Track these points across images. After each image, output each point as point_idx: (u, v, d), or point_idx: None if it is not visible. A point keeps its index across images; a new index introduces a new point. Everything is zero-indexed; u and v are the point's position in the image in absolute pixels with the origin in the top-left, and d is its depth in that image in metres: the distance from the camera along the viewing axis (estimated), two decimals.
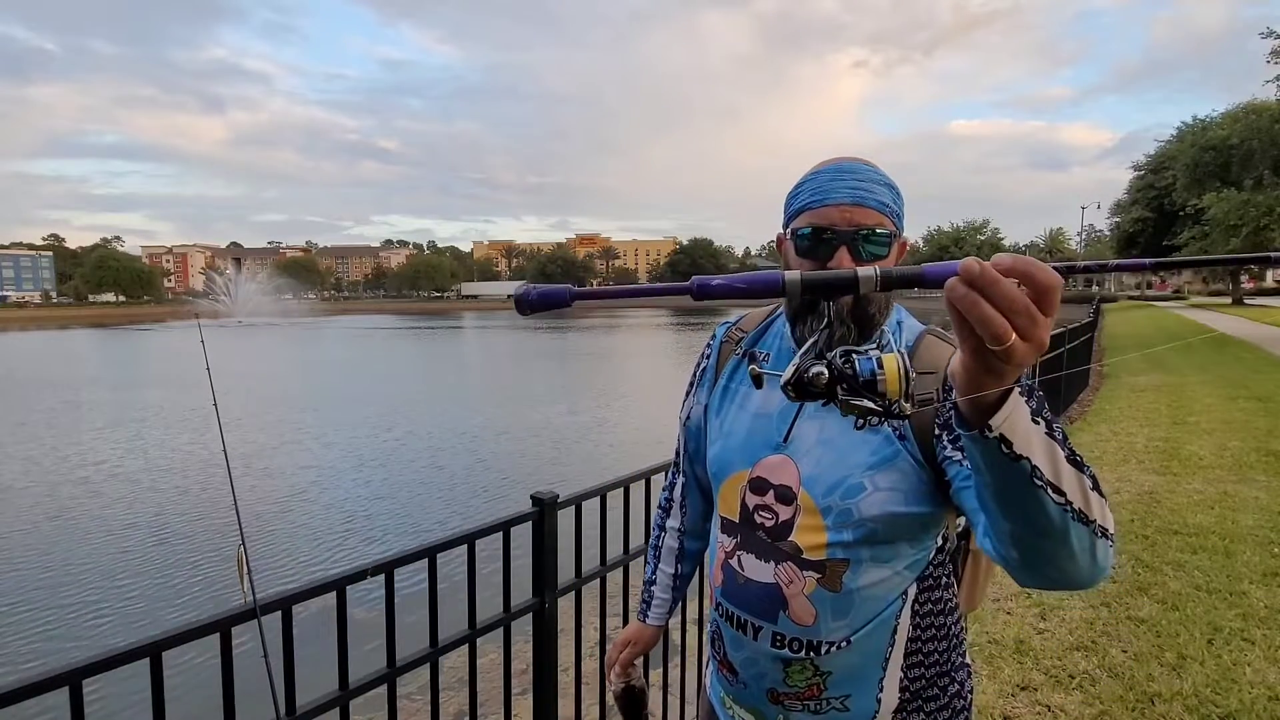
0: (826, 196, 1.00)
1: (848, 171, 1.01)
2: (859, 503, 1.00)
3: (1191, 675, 2.71)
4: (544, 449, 11.49)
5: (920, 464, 1.01)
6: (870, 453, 1.02)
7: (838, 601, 1.02)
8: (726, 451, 1.13)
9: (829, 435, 1.04)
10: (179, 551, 7.03)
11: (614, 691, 1.37)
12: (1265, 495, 4.88)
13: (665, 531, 1.38)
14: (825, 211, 1.00)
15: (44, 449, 11.75)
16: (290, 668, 1.38)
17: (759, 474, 1.08)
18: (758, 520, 1.07)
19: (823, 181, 1.02)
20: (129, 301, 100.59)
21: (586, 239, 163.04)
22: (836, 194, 1.00)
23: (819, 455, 1.04)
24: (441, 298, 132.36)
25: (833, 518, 1.01)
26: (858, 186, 1.00)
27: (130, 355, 33.34)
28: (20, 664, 5.00)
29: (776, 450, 1.07)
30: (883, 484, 1.01)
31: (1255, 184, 22.19)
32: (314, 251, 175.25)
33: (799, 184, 1.06)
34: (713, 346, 1.26)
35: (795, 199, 1.05)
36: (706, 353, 1.27)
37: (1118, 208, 43.74)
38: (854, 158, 1.04)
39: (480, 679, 1.80)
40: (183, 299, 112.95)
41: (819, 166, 1.05)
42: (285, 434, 12.69)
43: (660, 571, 1.37)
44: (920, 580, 1.06)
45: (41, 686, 1.04)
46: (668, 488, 1.39)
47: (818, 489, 1.03)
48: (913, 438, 1.02)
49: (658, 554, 1.38)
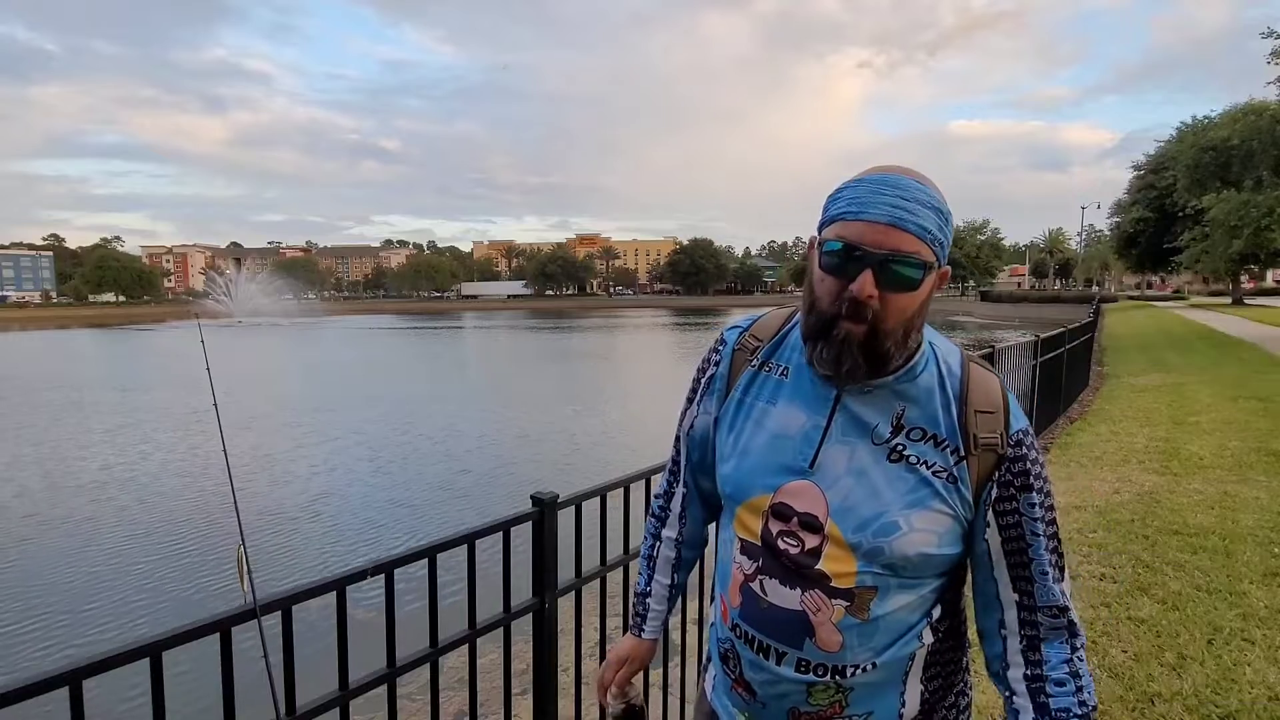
0: (863, 210, 0.91)
1: (891, 185, 0.92)
2: (892, 542, 0.95)
3: (1191, 675, 2.71)
4: (544, 449, 11.50)
5: (964, 510, 0.98)
6: (907, 490, 0.96)
7: (865, 628, 0.98)
8: (742, 473, 1.06)
9: (861, 465, 0.98)
10: (191, 552, 7.03)
11: (613, 714, 1.28)
12: (1265, 495, 4.88)
13: (661, 541, 1.30)
14: (858, 227, 0.91)
15: (48, 450, 11.76)
16: (290, 668, 1.38)
17: (782, 500, 1.01)
18: (781, 546, 1.01)
19: (863, 193, 0.92)
20: (129, 301, 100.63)
21: (587, 239, 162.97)
22: (874, 209, 0.90)
23: (849, 487, 0.98)
24: (442, 298, 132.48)
25: (863, 552, 0.96)
26: (899, 205, 0.90)
27: (132, 356, 33.33)
28: (20, 664, 5.01)
29: (801, 476, 1.00)
30: (919, 525, 0.96)
31: (1255, 184, 22.16)
32: (314, 251, 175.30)
33: (839, 190, 0.97)
34: (723, 353, 1.16)
35: (833, 204, 0.96)
36: (715, 359, 1.17)
37: (1118, 208, 43.67)
38: (905, 170, 0.95)
39: (480, 679, 1.80)
40: (183, 299, 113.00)
41: (866, 173, 0.96)
42: (292, 436, 12.69)
43: (656, 583, 1.30)
44: (942, 599, 1.04)
45: (41, 686, 1.04)
46: (663, 496, 1.30)
47: (848, 523, 0.97)
48: (968, 482, 0.97)
49: (652, 564, 1.30)
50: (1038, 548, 0.98)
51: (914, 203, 0.91)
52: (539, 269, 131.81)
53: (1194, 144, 27.26)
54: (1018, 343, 7.03)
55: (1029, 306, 51.28)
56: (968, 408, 0.98)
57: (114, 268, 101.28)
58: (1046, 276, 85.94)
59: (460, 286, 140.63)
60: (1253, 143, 21.96)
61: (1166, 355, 14.82)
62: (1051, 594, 0.99)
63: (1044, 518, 0.98)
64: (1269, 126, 21.06)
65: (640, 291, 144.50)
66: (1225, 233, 22.64)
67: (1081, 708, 0.95)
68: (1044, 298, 57.64)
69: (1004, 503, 0.98)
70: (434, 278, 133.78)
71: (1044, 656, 0.99)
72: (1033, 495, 0.98)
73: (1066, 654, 0.99)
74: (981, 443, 0.97)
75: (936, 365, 1.01)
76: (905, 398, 0.98)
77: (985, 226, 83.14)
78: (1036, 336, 7.45)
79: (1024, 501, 0.98)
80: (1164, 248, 35.36)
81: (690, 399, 1.21)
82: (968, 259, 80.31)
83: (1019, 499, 0.98)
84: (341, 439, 12.30)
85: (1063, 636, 0.99)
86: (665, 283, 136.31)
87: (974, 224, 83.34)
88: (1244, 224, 21.70)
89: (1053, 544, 0.99)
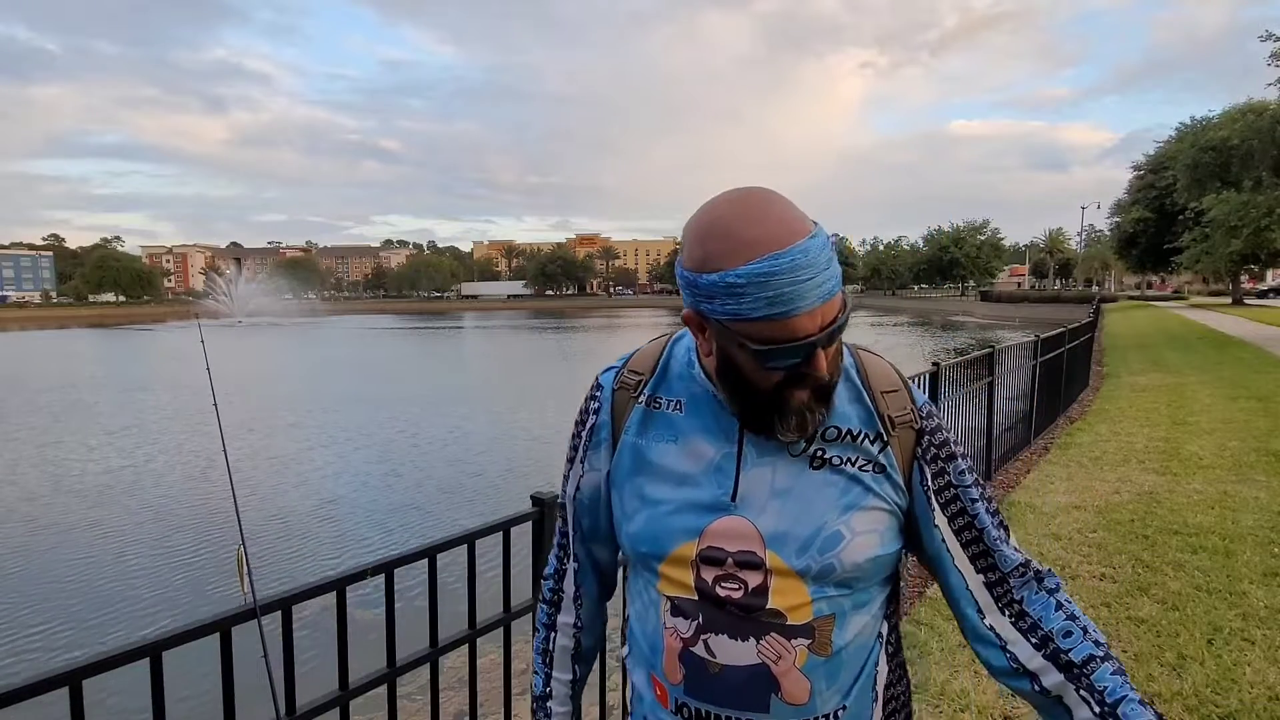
0: (793, 306, 0.77)
1: (806, 269, 0.77)
2: (840, 554, 0.87)
3: (1191, 675, 2.71)
4: (544, 449, 11.50)
5: (898, 497, 0.93)
6: (838, 495, 0.89)
7: (829, 666, 0.89)
8: (657, 523, 0.92)
9: (785, 483, 0.89)
10: (197, 552, 7.04)
11: None
12: (1265, 495, 4.88)
13: (556, 630, 1.12)
14: (796, 323, 0.79)
15: (52, 452, 11.76)
16: (290, 668, 1.38)
17: (710, 544, 0.89)
18: (722, 594, 0.88)
19: (780, 286, 0.77)
20: (129, 301, 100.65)
21: (586, 239, 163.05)
22: (803, 301, 0.77)
23: (779, 509, 0.88)
24: (441, 298, 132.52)
25: (813, 576, 0.87)
26: (821, 281, 0.78)
27: (133, 356, 33.33)
28: (21, 664, 5.01)
29: (724, 512, 0.89)
30: (860, 528, 0.89)
31: (1255, 184, 22.17)
32: (314, 251, 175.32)
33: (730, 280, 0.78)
34: (601, 399, 1.02)
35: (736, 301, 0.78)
36: (593, 407, 1.02)
37: (1118, 208, 43.65)
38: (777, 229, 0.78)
39: (480, 679, 1.80)
40: (183, 299, 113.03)
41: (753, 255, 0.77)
42: (298, 437, 12.69)
43: (555, 682, 1.11)
44: (887, 617, 0.97)
45: (41, 686, 1.04)
46: (552, 577, 1.13)
47: (788, 548, 0.87)
48: (896, 466, 0.92)
49: (548, 660, 1.12)
50: (980, 516, 0.94)
51: (823, 267, 0.78)
52: (539, 269, 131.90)
53: (1194, 144, 27.28)
54: (1018, 343, 7.04)
55: (1029, 306, 51.31)
56: (874, 391, 0.94)
57: (114, 268, 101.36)
58: (1046, 276, 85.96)
59: (460, 286, 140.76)
60: (1252, 143, 21.97)
61: (1166, 355, 14.82)
62: (1010, 558, 0.94)
63: (975, 481, 0.95)
64: (1269, 126, 21.07)
65: (640, 291, 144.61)
66: (1225, 233, 22.66)
67: (1099, 648, 0.89)
68: (1044, 298, 57.70)
69: (938, 480, 0.93)
70: (434, 278, 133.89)
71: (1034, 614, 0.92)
72: (959, 462, 0.94)
73: (1046, 600, 0.93)
74: (897, 421, 0.93)
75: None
76: None
77: (985, 226, 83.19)
78: (1036, 336, 7.45)
79: (954, 471, 0.94)
80: (1164, 248, 35.35)
81: (571, 458, 1.05)
82: (968, 259, 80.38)
83: (948, 470, 0.94)
84: (348, 440, 12.30)
85: (1033, 587, 0.94)
86: (665, 283, 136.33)
87: (974, 224, 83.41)
88: (1244, 224, 21.72)
89: (991, 505, 0.95)
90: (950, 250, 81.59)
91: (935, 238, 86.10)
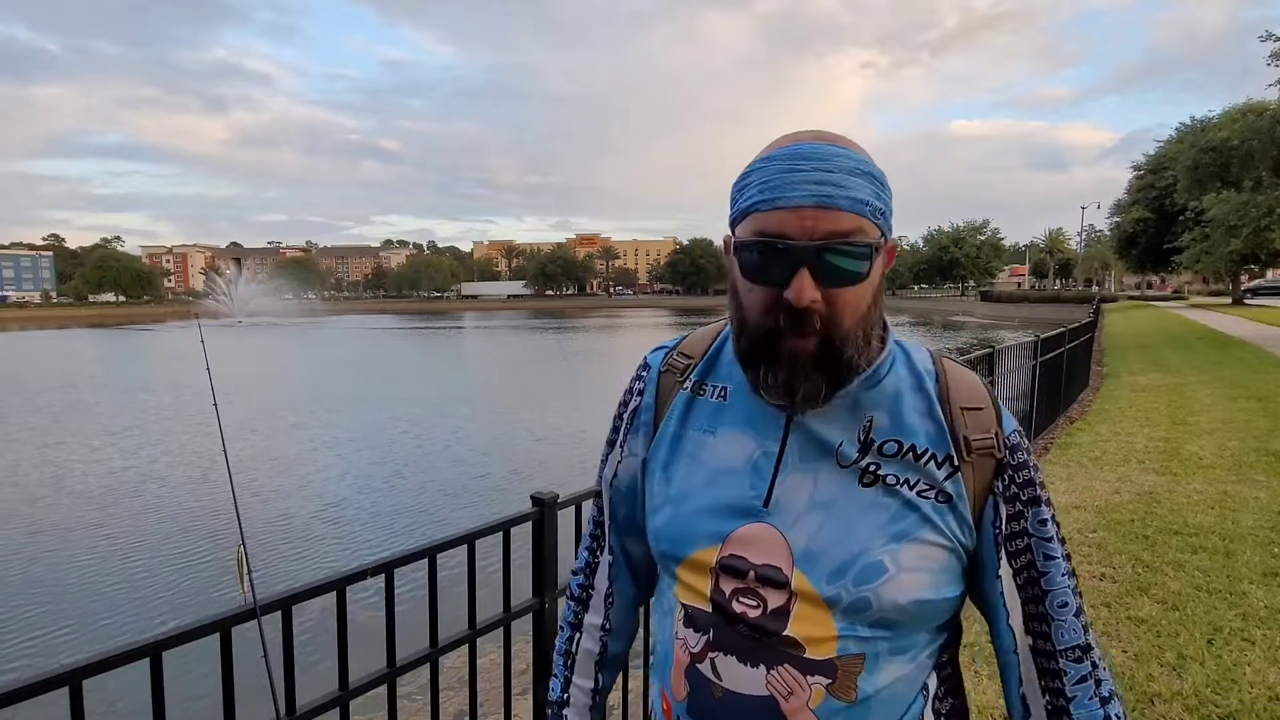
0: (780, 195, 0.72)
1: (808, 157, 0.73)
2: (879, 588, 0.75)
3: (1191, 675, 2.71)
4: (544, 449, 11.49)
5: (963, 535, 0.79)
6: (888, 520, 0.77)
7: (851, 714, 0.76)
8: (680, 521, 0.84)
9: (827, 495, 0.78)
10: (201, 552, 7.03)
11: None
12: (1265, 495, 4.88)
13: (582, 630, 1.02)
14: (778, 216, 0.72)
15: (55, 453, 11.76)
16: (290, 668, 1.38)
17: (733, 551, 0.80)
18: (737, 610, 0.79)
19: (775, 172, 0.73)
20: (129, 301, 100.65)
21: (586, 239, 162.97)
22: (794, 191, 0.71)
23: (816, 525, 0.78)
24: (441, 298, 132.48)
25: (843, 608, 0.76)
26: (824, 180, 0.72)
27: (134, 356, 33.32)
28: (21, 664, 5.01)
29: (754, 517, 0.80)
30: (909, 562, 0.76)
31: (1255, 185, 22.17)
32: (314, 251, 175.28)
33: (746, 172, 0.77)
34: (646, 380, 0.94)
35: (741, 193, 0.77)
36: (637, 388, 0.95)
37: (1118, 208, 43.63)
38: (820, 134, 0.76)
39: (480, 679, 1.80)
40: (183, 299, 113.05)
41: (773, 147, 0.77)
42: (302, 438, 12.68)
43: (575, 688, 1.01)
44: (939, 668, 0.83)
45: (41, 686, 1.04)
46: (582, 571, 1.04)
47: (819, 572, 0.76)
48: (965, 498, 0.79)
49: (569, 662, 1.02)
50: (1054, 575, 0.80)
51: (840, 172, 0.72)
52: (539, 269, 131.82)
53: (1194, 144, 27.28)
54: (1018, 343, 7.04)
55: (1029, 306, 51.28)
56: (951, 406, 0.81)
57: (114, 268, 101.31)
58: (1046, 276, 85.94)
59: (460, 286, 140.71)
60: (1252, 143, 21.97)
61: (1166, 355, 14.82)
62: (1072, 631, 0.79)
63: (1056, 535, 0.81)
64: (1269, 127, 21.07)
65: (640, 291, 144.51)
66: (1225, 232, 22.65)
67: None
68: (1044, 298, 57.67)
69: (1012, 524, 0.80)
70: (434, 278, 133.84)
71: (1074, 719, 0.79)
72: (1042, 509, 0.80)
73: (1098, 711, 0.78)
74: (975, 446, 0.79)
75: (907, 365, 0.83)
76: (871, 407, 0.80)
77: (985, 226, 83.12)
78: (1036, 336, 7.45)
79: (1033, 518, 0.80)
80: (1164, 248, 35.33)
81: (611, 441, 0.97)
82: (968, 259, 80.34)
83: (1027, 515, 0.80)
84: (350, 441, 12.29)
85: (1090, 689, 0.79)
86: (665, 282, 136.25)
87: (974, 224, 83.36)
88: (1243, 224, 21.71)
89: (1069, 566, 0.81)
90: (950, 250, 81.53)
91: (935, 238, 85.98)
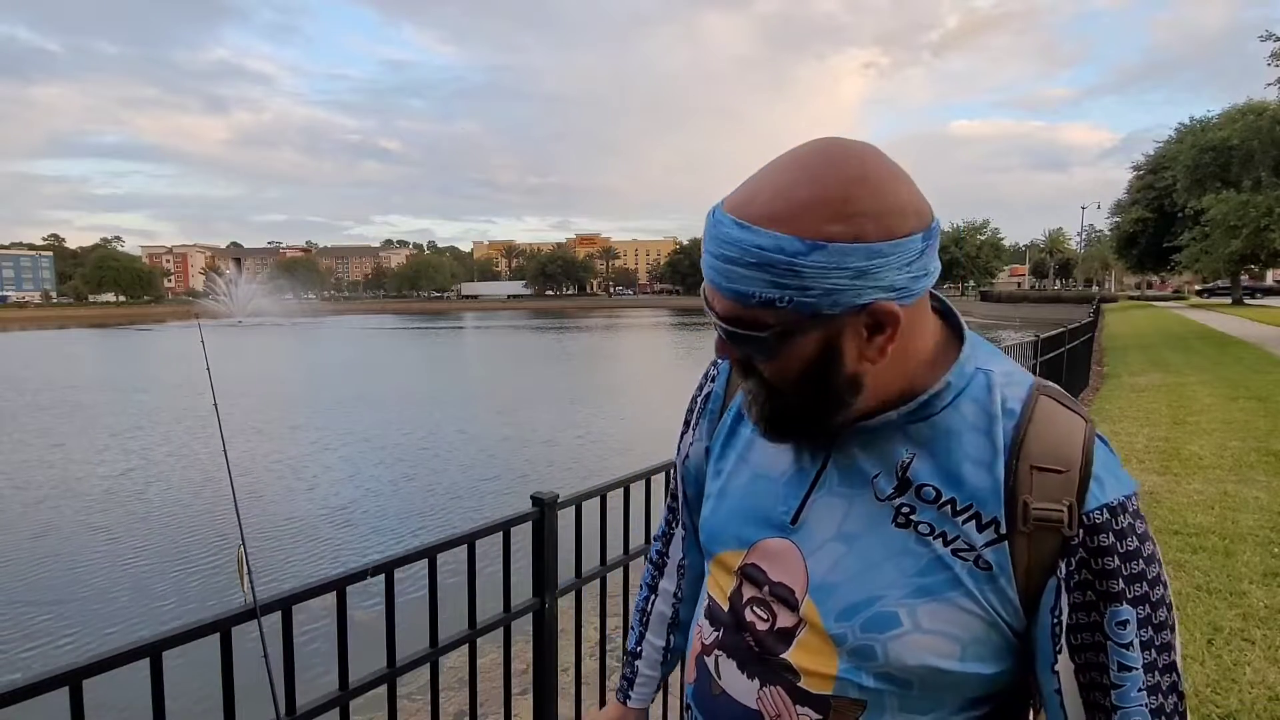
0: (704, 269, 0.68)
1: (711, 235, 0.66)
2: (888, 642, 0.69)
3: (1191, 675, 2.71)
4: (544, 450, 11.49)
5: (1005, 614, 0.68)
6: (914, 571, 0.69)
7: None
8: (718, 519, 0.85)
9: (855, 527, 0.72)
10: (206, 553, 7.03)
11: None
12: (1265, 495, 4.88)
13: (657, 594, 1.07)
14: (707, 289, 0.69)
15: (60, 454, 11.75)
16: (290, 668, 1.37)
17: (754, 561, 0.79)
18: (748, 617, 0.78)
19: (704, 233, 0.68)
20: (129, 301, 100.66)
21: (586, 239, 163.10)
22: (707, 269, 0.67)
23: (838, 556, 0.73)
24: (442, 298, 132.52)
25: (848, 649, 0.71)
26: (712, 265, 0.66)
27: (136, 357, 33.32)
28: (21, 664, 5.01)
29: (780, 532, 0.77)
30: (929, 624, 0.68)
31: (1255, 185, 22.18)
32: (314, 251, 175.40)
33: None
34: (720, 369, 0.94)
35: None
36: (711, 373, 0.96)
37: (1118, 208, 43.61)
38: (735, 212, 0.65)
39: (480, 679, 1.80)
40: (183, 299, 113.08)
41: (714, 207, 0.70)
42: (299, 440, 12.68)
43: (648, 643, 1.08)
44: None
45: (41, 686, 1.04)
46: (661, 539, 1.08)
47: (829, 606, 0.72)
48: (1010, 573, 0.67)
49: (645, 620, 1.08)
50: (1128, 691, 0.66)
51: (726, 262, 0.64)
52: (539, 269, 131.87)
53: (1193, 144, 27.30)
54: (1018, 343, 7.04)
55: (1029, 306, 51.29)
56: (1021, 462, 0.67)
57: (114, 268, 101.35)
58: (1046, 276, 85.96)
59: (460, 286, 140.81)
60: (1252, 143, 21.98)
61: (1166, 355, 14.82)
62: None
63: (1142, 641, 0.66)
64: (1269, 127, 21.08)
65: (640, 291, 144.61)
66: (1224, 233, 22.64)
67: None
68: (1044, 298, 57.70)
69: (1078, 614, 0.67)
70: (434, 278, 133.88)
71: None
72: (1122, 609, 0.65)
73: None
74: (1036, 516, 0.66)
75: (982, 400, 0.70)
76: (916, 441, 0.71)
77: (985, 226, 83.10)
78: (1036, 336, 7.46)
79: (1110, 618, 0.65)
80: (1164, 247, 35.33)
81: (686, 422, 0.99)
82: (968, 259, 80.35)
83: (1102, 610, 0.66)
84: (355, 443, 12.24)
85: None
86: (665, 283, 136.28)
87: (974, 224, 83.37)
88: (1243, 224, 21.71)
89: (1152, 680, 0.66)
90: (950, 250, 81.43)
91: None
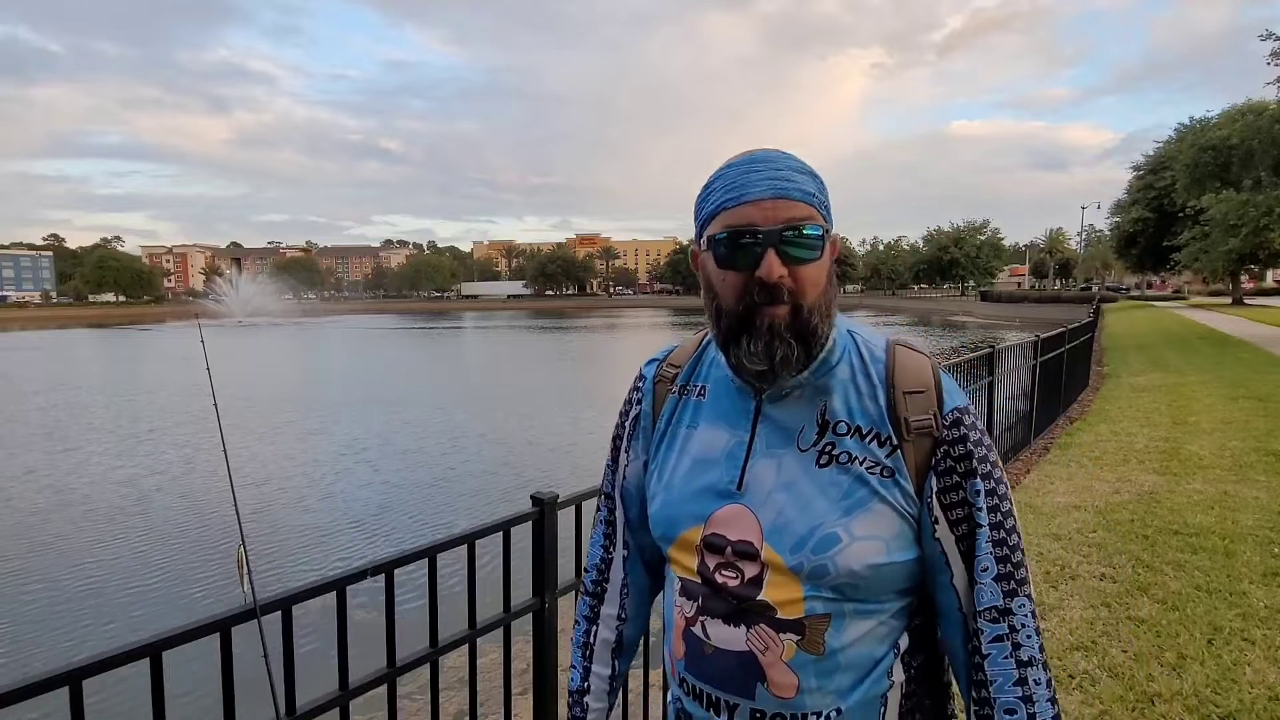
0: (744, 192, 0.86)
1: (762, 162, 0.87)
2: (835, 557, 0.85)
3: (1191, 675, 2.71)
4: (544, 450, 11.49)
5: (909, 505, 0.88)
6: (841, 495, 0.87)
7: (822, 666, 0.87)
8: (670, 507, 0.96)
9: (789, 477, 0.89)
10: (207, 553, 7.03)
11: None
12: (1265, 495, 4.88)
13: (598, 622, 1.12)
14: (744, 211, 0.85)
15: (62, 455, 11.75)
16: (290, 668, 1.38)
17: (714, 530, 0.92)
18: (719, 580, 0.91)
19: (735, 176, 0.87)
20: (129, 301, 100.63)
21: (586, 239, 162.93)
22: (755, 188, 0.85)
23: (781, 503, 0.89)
24: (442, 298, 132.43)
25: (806, 574, 0.87)
26: (777, 176, 0.86)
27: (138, 357, 33.31)
28: (21, 663, 5.01)
29: (730, 499, 0.91)
30: (861, 532, 0.86)
31: (1255, 184, 22.16)
32: (314, 251, 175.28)
33: (708, 183, 0.91)
34: (643, 390, 1.07)
35: (706, 201, 0.90)
36: (636, 398, 1.07)
37: (1118, 208, 43.60)
38: (768, 148, 0.92)
39: (480, 679, 1.80)
40: (183, 299, 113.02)
41: (729, 161, 0.91)
42: (301, 440, 12.68)
43: (594, 676, 1.11)
44: (911, 630, 0.93)
45: (41, 686, 1.04)
46: (596, 568, 1.13)
47: (784, 544, 0.87)
48: (906, 473, 0.88)
49: (587, 653, 1.12)
50: (980, 542, 0.88)
51: (790, 170, 0.87)
52: (539, 269, 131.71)
53: (1193, 144, 27.31)
54: (1018, 343, 7.04)
55: (1029, 306, 51.30)
56: (895, 390, 0.90)
57: (114, 268, 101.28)
58: (1046, 276, 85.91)
59: (460, 286, 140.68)
60: (1252, 143, 21.95)
61: (1166, 355, 14.82)
62: (989, 594, 0.87)
63: (989, 505, 0.88)
64: (1268, 126, 21.04)
65: (640, 291, 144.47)
66: (1224, 232, 22.63)
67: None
68: (1044, 298, 57.68)
69: (948, 493, 0.88)
70: (434, 278, 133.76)
71: (988, 676, 0.87)
72: (977, 481, 0.88)
73: (1012, 671, 0.86)
74: (914, 426, 0.88)
75: (856, 352, 0.93)
76: (825, 392, 0.91)
77: (985, 226, 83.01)
78: (1036, 336, 7.46)
79: (969, 489, 0.88)
80: (1164, 247, 35.33)
81: (616, 448, 1.10)
82: (968, 259, 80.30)
83: (964, 486, 0.88)
84: (363, 444, 12.25)
85: (1005, 649, 0.87)
86: (665, 282, 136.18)
87: (974, 224, 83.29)
88: (1243, 224, 21.70)
89: (998, 535, 0.88)
90: (950, 250, 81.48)
91: (935, 238, 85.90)
